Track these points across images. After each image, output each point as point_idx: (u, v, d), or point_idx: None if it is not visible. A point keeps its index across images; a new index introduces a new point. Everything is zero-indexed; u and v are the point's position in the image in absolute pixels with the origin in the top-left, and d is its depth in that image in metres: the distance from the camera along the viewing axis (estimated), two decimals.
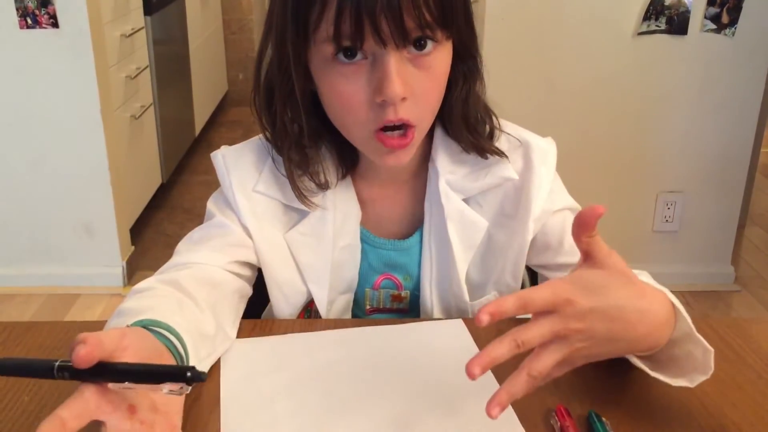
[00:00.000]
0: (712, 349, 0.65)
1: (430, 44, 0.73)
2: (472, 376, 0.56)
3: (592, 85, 2.28)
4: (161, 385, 0.55)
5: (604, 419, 0.66)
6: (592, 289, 0.60)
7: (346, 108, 0.76)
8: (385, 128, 0.75)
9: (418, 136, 0.79)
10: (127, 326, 0.64)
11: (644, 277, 0.72)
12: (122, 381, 0.54)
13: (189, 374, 0.53)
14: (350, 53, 0.73)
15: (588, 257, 0.62)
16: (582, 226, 0.61)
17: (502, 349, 0.57)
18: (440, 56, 0.76)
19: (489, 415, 0.57)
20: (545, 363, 0.58)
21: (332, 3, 0.70)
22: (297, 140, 0.82)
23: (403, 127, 0.75)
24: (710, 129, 2.33)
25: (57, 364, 0.55)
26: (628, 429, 0.66)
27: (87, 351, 0.53)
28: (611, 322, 0.60)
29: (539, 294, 0.58)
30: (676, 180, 2.41)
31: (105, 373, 0.55)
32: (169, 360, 0.63)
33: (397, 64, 0.72)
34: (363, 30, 0.70)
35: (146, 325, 0.64)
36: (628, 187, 2.42)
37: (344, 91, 0.74)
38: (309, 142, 0.83)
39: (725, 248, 2.52)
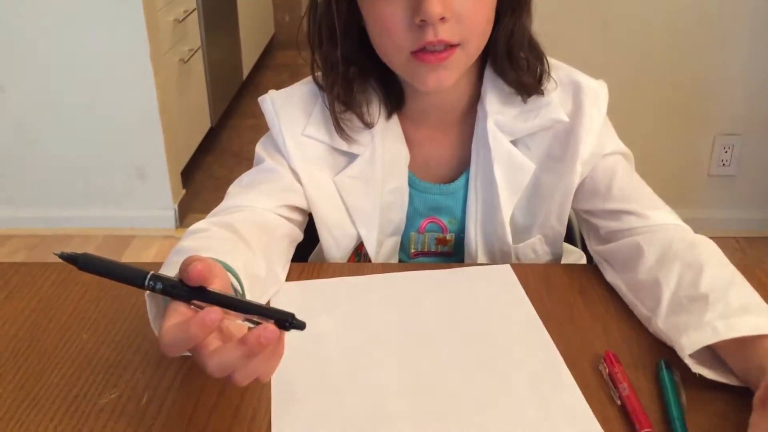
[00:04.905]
0: None
1: None
2: None
3: (647, 24, 2.19)
4: (252, 317, 0.55)
5: (673, 368, 0.65)
6: None
7: (385, 30, 0.76)
8: (425, 50, 0.74)
9: (463, 57, 0.77)
10: None
11: (709, 245, 0.70)
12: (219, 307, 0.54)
13: (291, 322, 0.55)
14: None
15: None
16: None
17: None
18: None
19: None
20: None
21: None
22: (344, 76, 0.82)
23: (444, 48, 0.75)
24: None
25: (150, 274, 0.54)
26: (693, 381, 0.65)
27: (203, 267, 0.54)
28: None
29: None
30: (734, 122, 2.32)
31: (204, 296, 0.54)
32: None
33: None
34: None
35: None
36: (684, 130, 2.35)
37: (384, 13, 0.75)
38: (355, 79, 0.83)
39: None
